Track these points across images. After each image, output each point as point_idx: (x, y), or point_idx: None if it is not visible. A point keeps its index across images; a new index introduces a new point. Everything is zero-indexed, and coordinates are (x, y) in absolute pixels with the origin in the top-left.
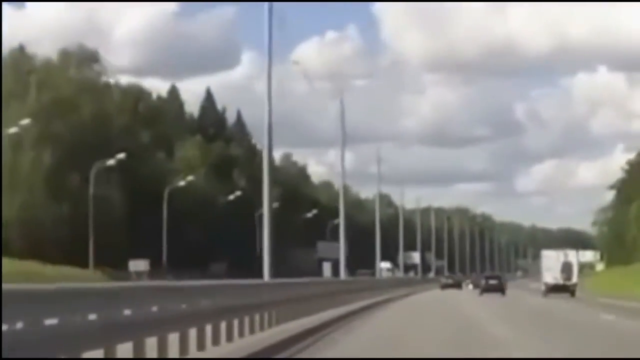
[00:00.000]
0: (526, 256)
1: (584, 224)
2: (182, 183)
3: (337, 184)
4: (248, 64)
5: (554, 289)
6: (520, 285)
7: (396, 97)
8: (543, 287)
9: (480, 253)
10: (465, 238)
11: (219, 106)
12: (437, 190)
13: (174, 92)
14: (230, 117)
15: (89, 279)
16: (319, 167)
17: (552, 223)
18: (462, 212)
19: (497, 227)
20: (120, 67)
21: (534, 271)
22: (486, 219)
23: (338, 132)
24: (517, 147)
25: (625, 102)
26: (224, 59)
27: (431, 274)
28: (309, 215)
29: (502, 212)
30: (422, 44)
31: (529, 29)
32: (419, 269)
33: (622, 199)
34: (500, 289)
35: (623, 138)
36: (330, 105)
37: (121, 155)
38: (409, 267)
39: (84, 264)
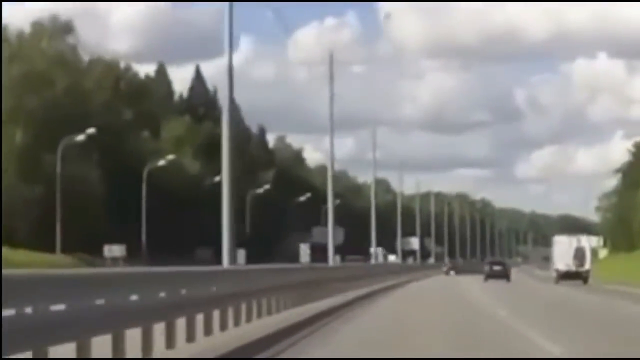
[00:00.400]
0: (526, 242)
1: (584, 210)
2: (162, 162)
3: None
4: (245, 49)
5: (566, 275)
6: (523, 272)
7: (395, 83)
8: (554, 274)
9: (481, 239)
10: (465, 224)
11: (210, 87)
12: (436, 176)
13: (161, 70)
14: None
15: (58, 265)
16: (316, 154)
17: (552, 209)
18: (462, 198)
19: (497, 213)
20: (117, 52)
21: (534, 257)
22: (486, 204)
23: (335, 117)
24: (516, 133)
25: (624, 89)
26: (221, 44)
27: (431, 260)
28: (302, 198)
29: (501, 198)
30: (422, 29)
31: (528, 15)
32: (418, 254)
33: (628, 184)
34: (505, 275)
35: (622, 124)
36: (326, 91)
37: (91, 130)
38: (407, 253)
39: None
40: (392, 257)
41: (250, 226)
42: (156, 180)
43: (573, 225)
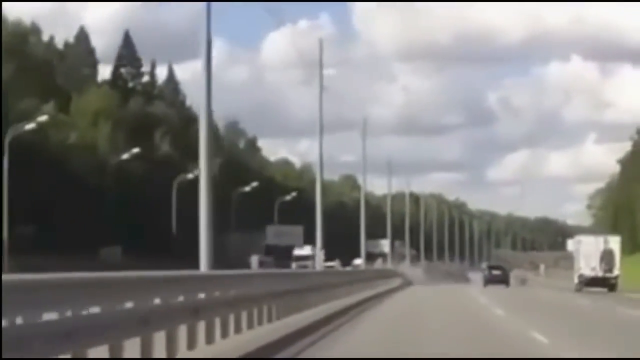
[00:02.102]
0: (500, 245)
1: (558, 213)
2: (29, 127)
3: (298, 164)
4: (217, 52)
5: (592, 282)
6: (514, 279)
7: (368, 86)
8: (576, 280)
9: (459, 242)
10: (443, 226)
11: (142, 56)
12: (409, 179)
13: (82, 36)
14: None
15: None
16: (291, 157)
17: (527, 212)
18: (436, 199)
19: (473, 215)
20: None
21: (514, 262)
22: (460, 206)
23: (310, 120)
24: (489, 136)
25: (597, 92)
26: (192, 47)
27: (406, 263)
28: (247, 189)
29: (475, 201)
30: (395, 32)
31: (503, 17)
32: (389, 258)
33: (629, 175)
34: (504, 280)
35: (595, 128)
36: (301, 94)
37: None
38: (375, 256)
39: None
40: (357, 261)
41: (179, 220)
42: (54, 157)
43: (551, 228)
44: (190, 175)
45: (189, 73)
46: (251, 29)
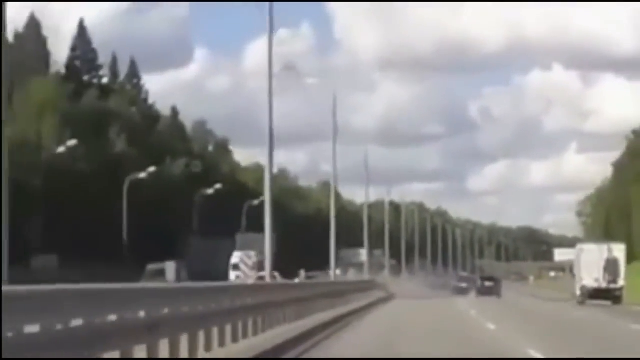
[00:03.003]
0: (483, 256)
1: (539, 224)
2: None
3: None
4: (201, 61)
5: (595, 294)
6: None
7: (348, 95)
8: (578, 292)
9: (442, 251)
10: (425, 235)
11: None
12: (389, 188)
13: (33, 25)
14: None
15: None
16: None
17: (508, 222)
18: (418, 207)
19: (455, 224)
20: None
21: (498, 273)
22: (442, 214)
23: (289, 130)
24: (470, 146)
25: (579, 101)
26: (176, 56)
27: (384, 274)
28: (210, 191)
29: (456, 211)
30: (375, 41)
31: (484, 26)
32: (366, 267)
33: (622, 179)
34: (496, 292)
35: (576, 137)
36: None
37: None
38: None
39: None
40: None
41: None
42: None
43: (534, 238)
44: (142, 175)
45: (173, 82)
46: (233, 37)
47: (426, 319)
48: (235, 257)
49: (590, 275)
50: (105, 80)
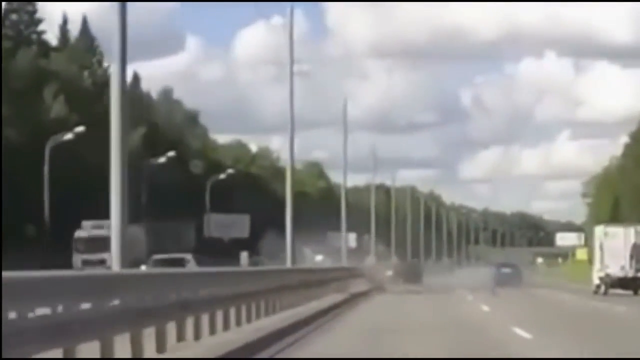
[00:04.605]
0: (478, 242)
1: (533, 210)
2: None
3: (254, 148)
4: (193, 49)
5: (620, 283)
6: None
7: (341, 83)
8: (596, 281)
9: (436, 237)
10: (418, 219)
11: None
12: (381, 176)
13: None
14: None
15: None
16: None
17: (501, 208)
18: (410, 190)
19: (448, 210)
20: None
21: (486, 259)
22: (435, 198)
23: (283, 117)
24: (463, 134)
25: (571, 89)
26: (168, 44)
27: (370, 260)
28: (162, 159)
29: (449, 197)
30: (368, 29)
31: (477, 14)
32: (343, 252)
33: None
34: (516, 281)
35: (568, 125)
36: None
37: None
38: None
39: None
40: (319, 257)
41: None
42: None
43: (528, 223)
44: (69, 136)
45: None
46: (224, 26)
47: (425, 341)
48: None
49: (616, 262)
50: (50, 38)
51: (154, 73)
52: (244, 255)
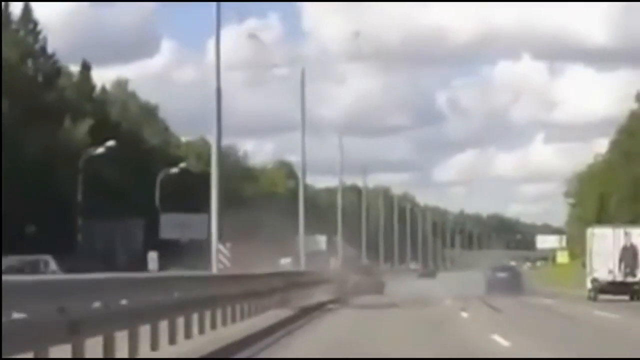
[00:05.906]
0: (454, 245)
1: (508, 213)
2: None
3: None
4: (167, 53)
5: (610, 288)
6: (466, 280)
7: (317, 86)
8: (589, 286)
9: (411, 238)
10: (391, 221)
11: None
12: (355, 178)
13: None
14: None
15: None
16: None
17: (477, 212)
18: (383, 191)
19: (422, 212)
20: None
21: (463, 263)
22: (409, 200)
23: (258, 120)
24: (438, 136)
25: (546, 92)
26: (143, 47)
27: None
28: (100, 150)
29: (424, 200)
30: (344, 32)
31: (453, 17)
32: (301, 254)
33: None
34: (515, 287)
35: (543, 127)
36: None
37: None
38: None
39: None
40: (285, 260)
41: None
42: None
43: (503, 226)
44: None
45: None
46: (198, 29)
47: None
48: None
49: (604, 265)
50: None
51: (131, 76)
52: (153, 257)
